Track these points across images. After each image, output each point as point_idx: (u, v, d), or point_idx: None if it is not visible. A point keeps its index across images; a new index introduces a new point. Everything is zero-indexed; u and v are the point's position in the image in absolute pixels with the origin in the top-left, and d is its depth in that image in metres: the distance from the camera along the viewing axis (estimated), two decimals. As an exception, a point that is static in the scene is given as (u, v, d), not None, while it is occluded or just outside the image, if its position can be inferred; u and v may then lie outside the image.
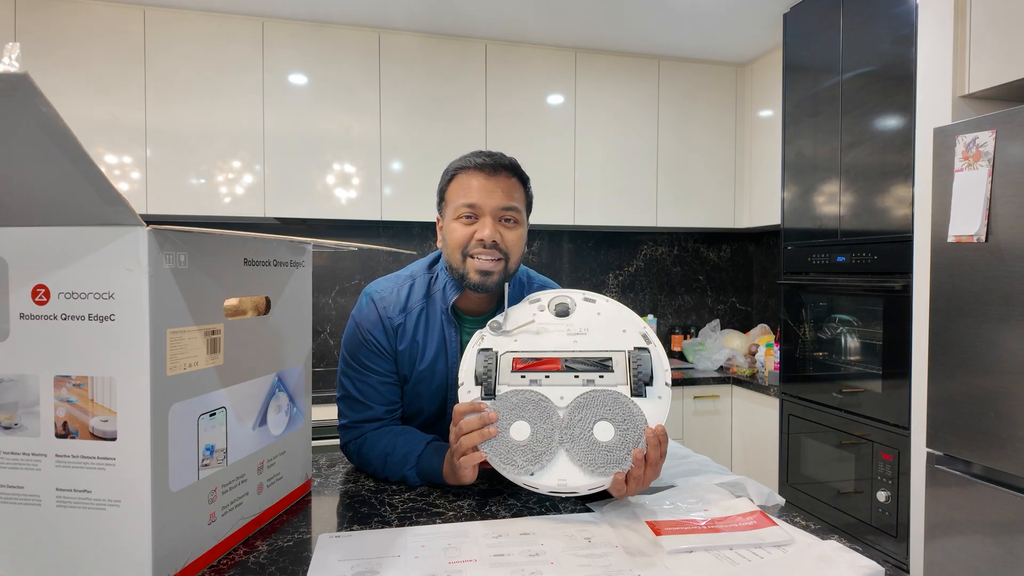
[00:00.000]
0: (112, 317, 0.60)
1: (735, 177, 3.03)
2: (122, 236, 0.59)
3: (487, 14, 2.49)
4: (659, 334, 3.27)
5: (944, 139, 1.55)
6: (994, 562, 1.42)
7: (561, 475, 0.79)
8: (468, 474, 0.88)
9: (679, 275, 3.32)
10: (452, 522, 0.82)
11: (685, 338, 3.21)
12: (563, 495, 0.82)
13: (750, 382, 2.62)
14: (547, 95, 2.78)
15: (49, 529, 0.61)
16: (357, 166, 2.57)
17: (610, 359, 0.86)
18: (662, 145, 2.93)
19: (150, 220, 0.61)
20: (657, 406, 0.83)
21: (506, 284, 0.98)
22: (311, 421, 0.94)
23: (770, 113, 2.83)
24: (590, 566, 0.68)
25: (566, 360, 0.86)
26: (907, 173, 1.83)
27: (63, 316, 0.60)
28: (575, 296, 0.92)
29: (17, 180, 0.57)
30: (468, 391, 0.86)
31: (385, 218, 2.60)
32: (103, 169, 1.09)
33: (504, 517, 0.83)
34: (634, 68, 2.89)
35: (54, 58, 2.29)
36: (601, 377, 0.84)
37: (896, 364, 1.85)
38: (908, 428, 1.78)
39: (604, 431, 0.80)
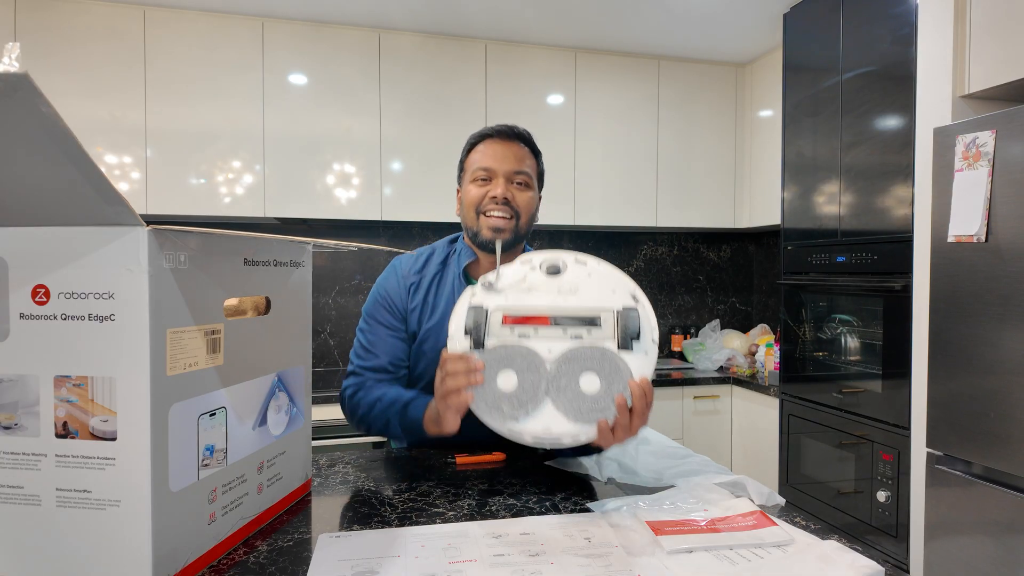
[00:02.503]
0: (112, 317, 0.60)
1: (735, 177, 3.03)
2: (122, 236, 0.59)
3: (487, 14, 2.49)
4: (659, 334, 3.27)
5: (944, 139, 1.55)
6: (994, 562, 1.42)
7: (546, 423, 0.80)
8: (451, 420, 0.88)
9: (679, 275, 3.32)
10: (452, 522, 0.82)
11: (685, 338, 3.21)
12: (547, 444, 0.82)
13: (750, 382, 2.62)
14: (547, 95, 2.78)
15: (49, 529, 0.61)
16: (357, 166, 2.57)
17: (598, 316, 0.86)
18: (662, 145, 2.93)
19: (150, 220, 0.61)
20: (643, 360, 0.84)
21: (498, 242, 0.99)
22: (311, 421, 0.94)
23: (770, 113, 2.83)
24: (590, 566, 0.68)
25: (555, 317, 0.85)
26: (907, 173, 1.83)
27: (63, 316, 0.60)
28: (567, 257, 0.91)
29: (17, 180, 0.57)
30: (458, 343, 0.86)
31: (385, 218, 2.60)
32: (103, 169, 1.09)
33: (504, 517, 0.83)
34: (634, 68, 2.89)
35: (54, 58, 2.29)
36: (589, 332, 0.85)
37: (896, 364, 1.85)
38: (908, 428, 1.78)
39: (590, 382, 0.82)
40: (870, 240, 1.98)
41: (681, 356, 3.18)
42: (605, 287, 0.88)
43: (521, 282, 0.88)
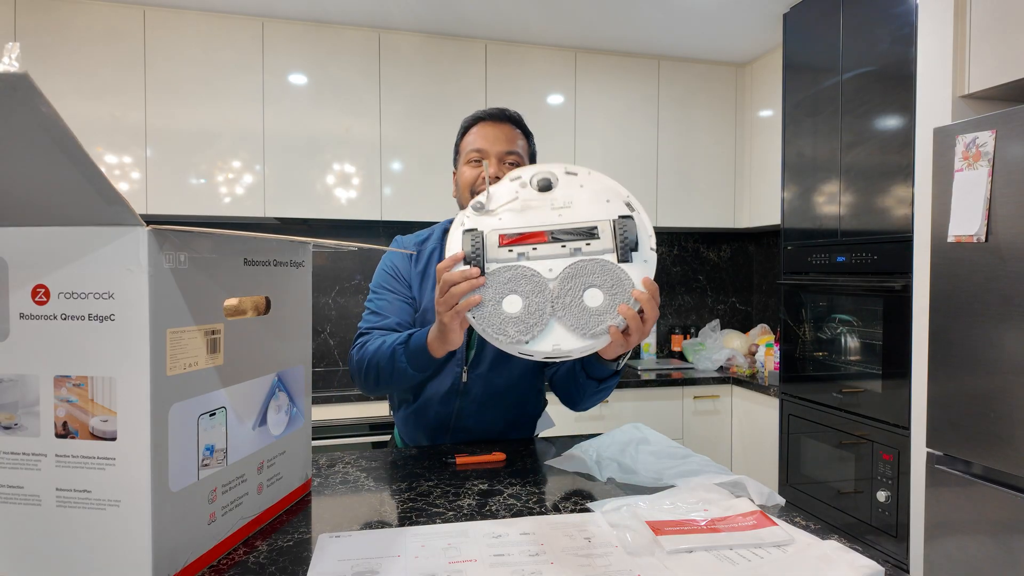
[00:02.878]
0: (112, 317, 0.60)
1: (735, 177, 3.03)
2: (122, 236, 0.59)
3: (487, 14, 2.49)
4: (659, 334, 3.28)
5: (944, 139, 1.55)
6: (994, 562, 1.42)
7: (555, 341, 0.80)
8: (455, 333, 0.92)
9: (679, 275, 3.32)
10: (452, 522, 0.82)
11: (685, 338, 3.21)
12: (558, 359, 0.83)
13: (750, 382, 2.62)
14: (547, 95, 2.78)
15: (49, 529, 0.61)
16: (357, 166, 2.57)
17: (595, 228, 0.85)
18: (662, 145, 2.93)
19: (150, 220, 0.61)
20: (644, 269, 0.84)
21: (485, 162, 0.98)
22: (311, 421, 0.94)
23: (770, 113, 2.83)
24: (590, 566, 0.68)
25: (552, 232, 0.84)
26: (907, 173, 1.83)
27: (63, 316, 0.60)
28: (557, 170, 0.89)
29: (17, 180, 0.57)
30: (458, 269, 0.85)
31: (385, 218, 2.60)
32: (103, 169, 1.09)
33: (504, 517, 0.83)
34: (634, 68, 2.89)
35: (54, 58, 2.29)
36: (588, 245, 0.84)
37: (896, 364, 1.85)
38: (908, 428, 1.78)
39: (594, 297, 0.81)
40: (870, 240, 1.97)
41: (681, 356, 3.18)
42: (599, 198, 0.86)
43: (513, 201, 0.86)
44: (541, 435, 1.36)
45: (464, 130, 1.26)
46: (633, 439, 1.11)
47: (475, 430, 1.25)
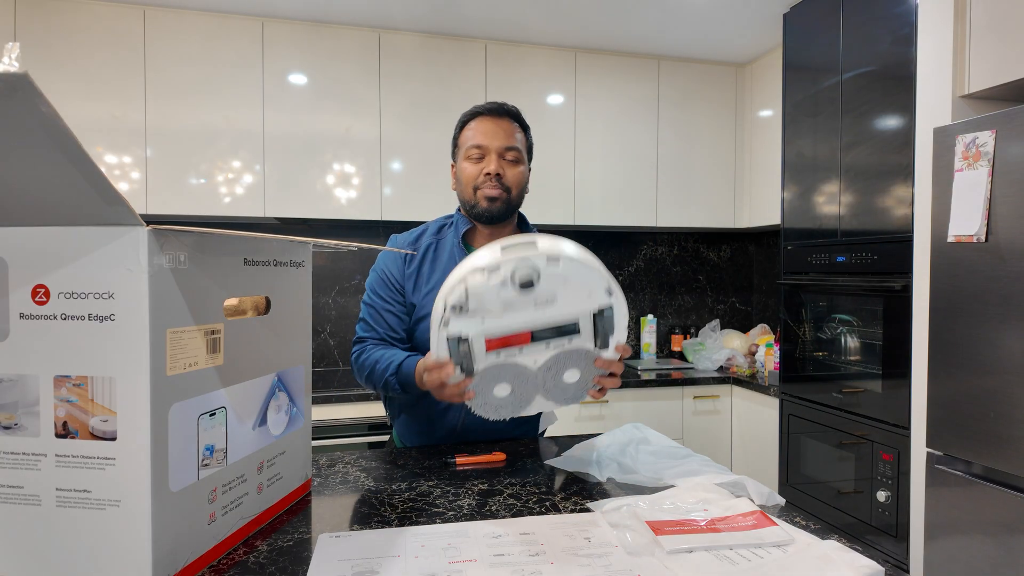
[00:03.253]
0: (112, 317, 0.60)
1: (735, 177, 3.03)
2: (122, 236, 0.59)
3: (487, 14, 2.49)
4: (659, 334, 3.28)
5: (944, 139, 1.55)
6: (994, 562, 1.42)
7: (539, 407, 0.93)
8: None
9: (679, 275, 3.32)
10: (452, 522, 0.82)
11: (685, 338, 3.21)
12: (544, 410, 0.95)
13: (750, 382, 2.62)
14: (547, 95, 2.78)
15: (49, 529, 0.61)
16: (357, 166, 2.57)
17: (577, 323, 0.88)
18: (662, 145, 2.93)
19: (150, 220, 0.61)
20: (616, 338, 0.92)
21: (471, 254, 0.97)
22: (311, 421, 0.94)
23: (770, 113, 2.83)
24: (590, 566, 0.68)
25: (536, 332, 0.87)
26: (907, 173, 1.83)
27: (63, 316, 0.60)
28: (539, 262, 0.86)
29: (17, 180, 0.57)
30: (447, 369, 0.88)
31: (385, 218, 2.60)
32: (103, 169, 1.09)
33: (504, 517, 0.83)
34: (634, 68, 2.89)
35: (54, 58, 2.29)
36: (570, 341, 0.88)
37: (896, 364, 1.85)
38: (908, 428, 1.78)
39: (572, 374, 0.91)
40: (870, 240, 1.98)
41: (681, 356, 3.18)
42: (580, 291, 0.87)
43: (495, 300, 0.86)
44: (544, 433, 1.36)
45: (462, 124, 1.26)
46: (633, 439, 1.11)
47: (482, 431, 1.25)
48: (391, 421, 1.35)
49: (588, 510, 0.85)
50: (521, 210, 1.31)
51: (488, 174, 1.19)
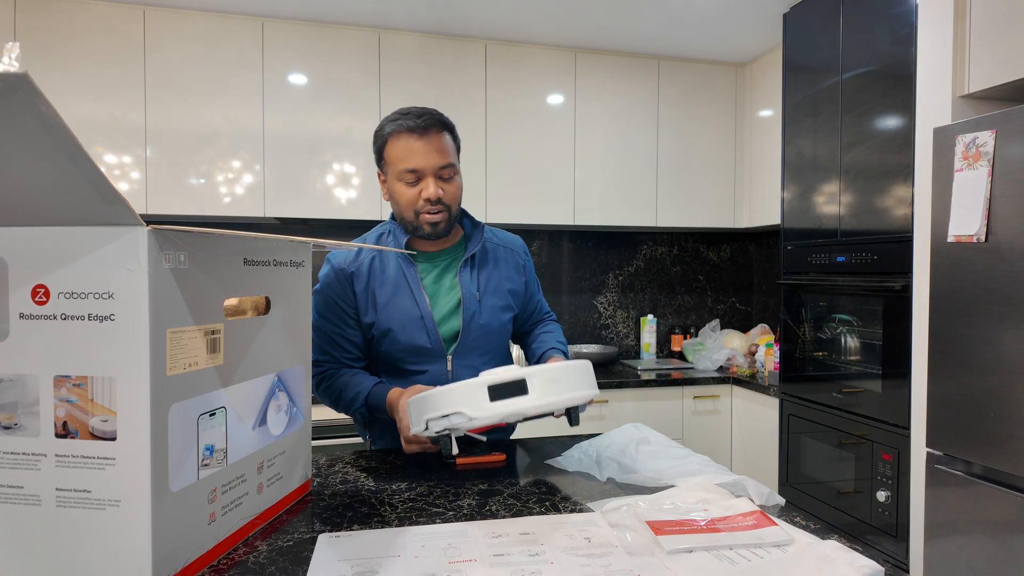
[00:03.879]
0: (112, 317, 0.60)
1: (735, 177, 3.03)
2: (122, 236, 0.59)
3: (487, 14, 2.49)
4: (659, 334, 3.28)
5: (944, 139, 1.55)
6: (994, 562, 1.42)
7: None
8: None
9: (679, 275, 3.32)
10: (452, 522, 0.82)
11: (685, 338, 3.21)
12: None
13: (750, 382, 2.62)
14: (547, 95, 2.78)
15: (49, 529, 0.61)
16: (357, 166, 2.57)
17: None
18: (662, 145, 2.93)
19: (150, 220, 0.61)
20: None
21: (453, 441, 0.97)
22: (311, 421, 0.94)
23: (770, 113, 2.83)
24: (590, 566, 0.68)
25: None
26: (907, 173, 1.83)
27: (63, 316, 0.60)
28: (527, 412, 0.89)
29: (17, 180, 0.57)
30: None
31: (385, 218, 2.60)
32: (103, 169, 1.09)
33: (504, 517, 0.83)
34: (634, 68, 2.89)
35: (54, 58, 2.29)
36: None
37: (896, 364, 1.85)
38: (908, 428, 1.78)
39: None
40: (870, 240, 1.98)
41: (681, 356, 3.18)
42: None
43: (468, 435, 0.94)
44: (542, 434, 1.37)
45: (386, 137, 1.18)
46: (633, 439, 1.11)
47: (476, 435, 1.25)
48: (361, 429, 1.35)
49: (588, 510, 0.85)
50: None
51: (428, 199, 1.16)
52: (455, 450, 0.90)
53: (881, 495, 1.88)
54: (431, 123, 1.16)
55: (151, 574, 0.60)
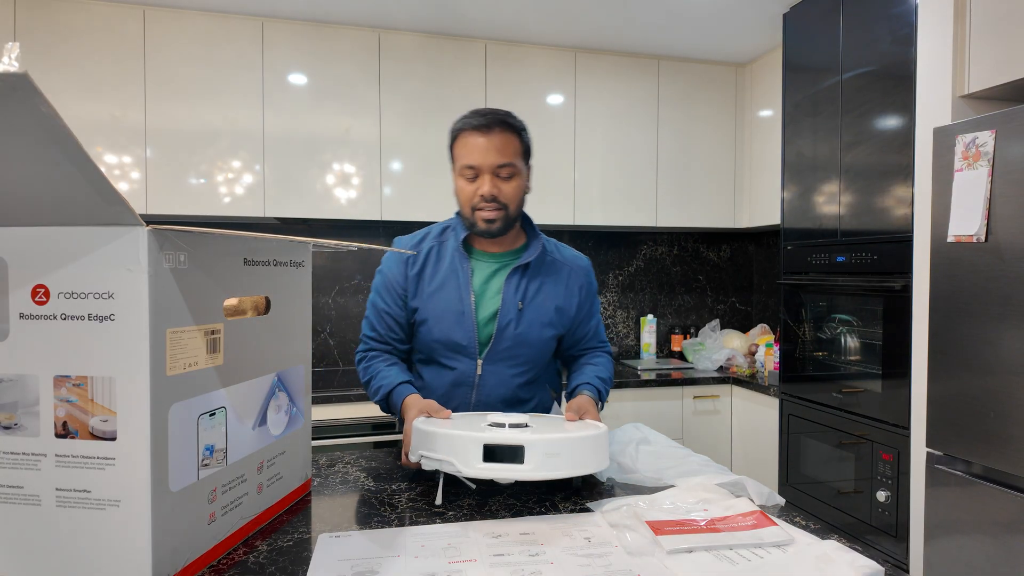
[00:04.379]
0: (112, 317, 0.60)
1: (735, 177, 3.03)
2: (122, 236, 0.59)
3: (487, 14, 2.48)
4: (659, 334, 3.28)
5: (944, 139, 1.55)
6: (994, 562, 1.42)
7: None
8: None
9: (679, 275, 3.32)
10: (452, 522, 0.82)
11: (685, 338, 3.21)
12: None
13: (750, 382, 2.62)
14: (547, 95, 2.78)
15: (49, 529, 0.61)
16: (357, 166, 2.57)
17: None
18: (662, 145, 2.93)
19: (150, 220, 0.60)
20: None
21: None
22: (311, 421, 0.94)
23: (770, 113, 2.83)
24: (590, 566, 0.68)
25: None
26: (907, 173, 1.83)
27: (63, 316, 0.60)
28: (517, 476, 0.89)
29: (17, 180, 0.56)
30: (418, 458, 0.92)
31: (385, 218, 2.60)
32: (103, 169, 1.09)
33: (504, 517, 0.83)
34: (634, 68, 2.89)
35: (54, 58, 2.29)
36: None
37: (896, 364, 1.85)
38: (908, 428, 1.78)
39: None
40: (870, 240, 1.97)
41: (681, 356, 3.18)
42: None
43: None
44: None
45: (454, 135, 1.23)
46: (633, 439, 1.11)
47: None
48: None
49: (588, 510, 0.85)
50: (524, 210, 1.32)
51: (483, 196, 1.19)
52: (439, 500, 0.89)
53: (881, 495, 1.88)
54: (494, 122, 1.19)
55: (151, 574, 0.60)
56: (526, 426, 0.90)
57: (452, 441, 0.85)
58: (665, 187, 2.93)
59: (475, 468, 0.82)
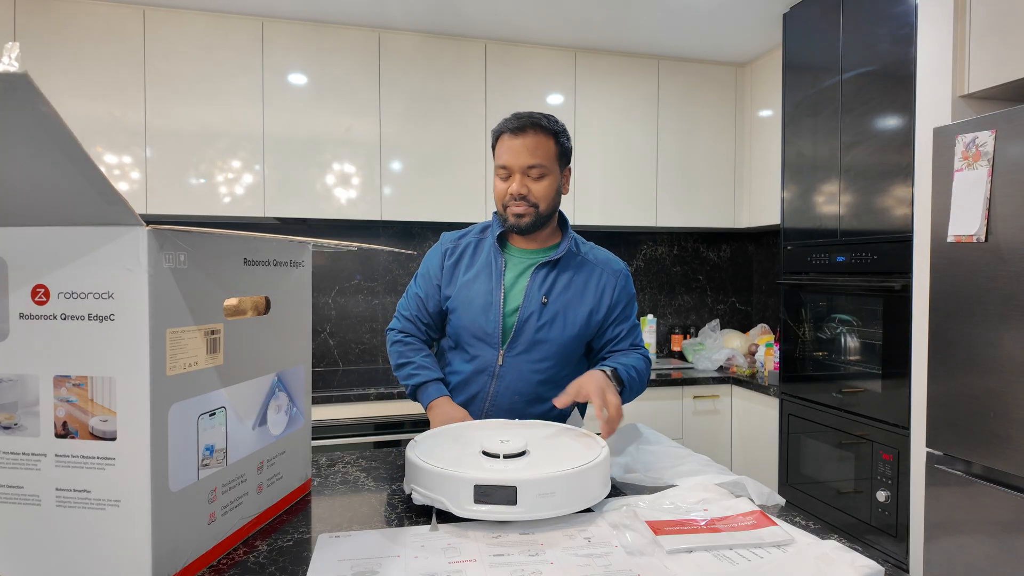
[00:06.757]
0: (112, 317, 0.60)
1: (735, 177, 3.03)
2: (122, 236, 0.59)
3: (487, 14, 2.48)
4: (659, 334, 3.28)
5: (944, 139, 1.55)
6: (994, 562, 1.42)
7: None
8: None
9: (679, 275, 3.32)
10: (452, 522, 0.82)
11: (685, 338, 3.21)
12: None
13: (750, 382, 2.62)
14: (547, 95, 2.78)
15: (49, 529, 0.61)
16: (357, 166, 2.57)
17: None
18: (662, 145, 2.93)
19: (150, 220, 0.60)
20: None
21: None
22: (311, 421, 0.94)
23: (770, 113, 2.83)
24: (590, 566, 0.68)
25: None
26: (907, 173, 1.83)
27: (63, 316, 0.60)
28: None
29: (17, 180, 0.56)
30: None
31: (385, 218, 2.60)
32: (103, 169, 1.09)
33: (504, 517, 0.83)
34: (634, 68, 2.89)
35: (54, 58, 2.29)
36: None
37: (896, 364, 1.85)
38: (908, 428, 1.78)
39: None
40: (870, 240, 1.98)
41: (681, 356, 3.18)
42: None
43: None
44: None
45: (495, 137, 1.31)
46: (633, 439, 1.11)
47: (506, 418, 1.27)
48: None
49: (588, 510, 0.85)
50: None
51: (512, 194, 1.25)
52: (430, 527, 0.86)
53: (881, 495, 1.88)
54: (527, 124, 1.26)
55: (151, 574, 0.60)
56: (523, 454, 0.88)
57: (443, 480, 0.82)
58: (665, 187, 2.93)
59: (466, 510, 0.80)
